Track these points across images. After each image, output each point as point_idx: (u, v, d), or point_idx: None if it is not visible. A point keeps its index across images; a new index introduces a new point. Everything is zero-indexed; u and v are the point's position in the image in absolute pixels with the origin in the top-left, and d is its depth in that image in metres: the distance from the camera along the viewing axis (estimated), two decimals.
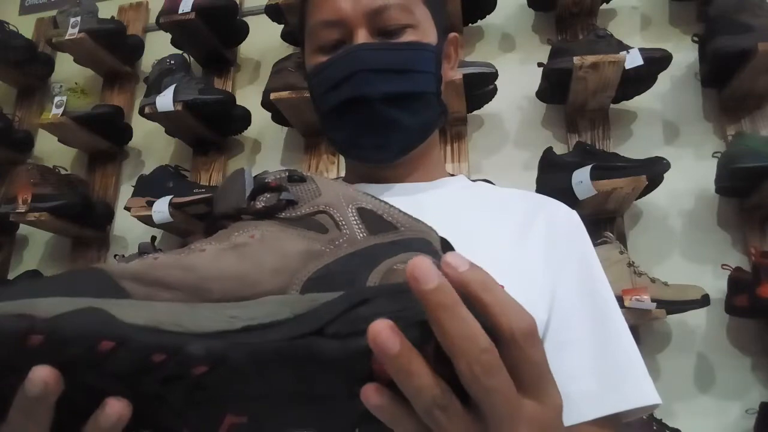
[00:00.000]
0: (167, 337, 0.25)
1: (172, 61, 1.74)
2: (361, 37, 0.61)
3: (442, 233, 0.37)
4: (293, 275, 0.31)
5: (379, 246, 0.34)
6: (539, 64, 1.50)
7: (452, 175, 0.74)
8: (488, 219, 0.63)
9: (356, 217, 0.35)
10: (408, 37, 0.63)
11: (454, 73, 0.72)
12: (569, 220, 0.66)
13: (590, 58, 1.39)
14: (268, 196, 0.36)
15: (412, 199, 0.64)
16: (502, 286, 0.27)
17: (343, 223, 0.34)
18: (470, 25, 1.72)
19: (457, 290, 0.26)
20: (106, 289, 0.27)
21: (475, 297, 0.26)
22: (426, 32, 0.64)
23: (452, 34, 0.70)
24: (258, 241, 0.32)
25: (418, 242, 0.35)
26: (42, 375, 0.24)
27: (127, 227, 1.81)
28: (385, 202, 0.37)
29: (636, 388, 0.56)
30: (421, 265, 0.25)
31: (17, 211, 1.65)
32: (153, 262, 0.29)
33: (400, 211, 0.37)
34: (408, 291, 0.26)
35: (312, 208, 0.35)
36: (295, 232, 0.34)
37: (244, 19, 1.88)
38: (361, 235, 0.34)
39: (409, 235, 0.35)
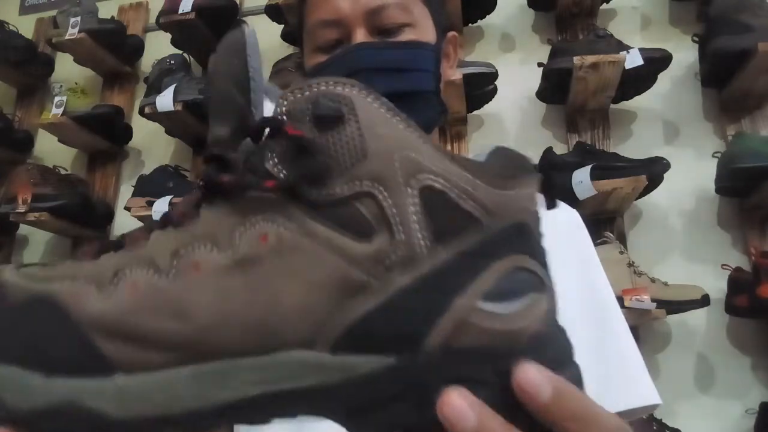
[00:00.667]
0: None
1: (172, 61, 1.74)
2: (360, 36, 0.61)
3: None
4: (322, 324, 0.22)
5: (451, 269, 0.22)
6: (539, 64, 1.50)
7: None
8: None
9: (419, 208, 0.22)
10: (407, 36, 0.62)
11: (453, 72, 0.72)
12: (570, 219, 0.66)
13: (590, 58, 1.39)
14: (283, 149, 0.23)
15: None
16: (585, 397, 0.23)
17: (398, 219, 0.22)
18: (470, 25, 1.72)
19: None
20: (81, 356, 0.21)
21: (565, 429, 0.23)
22: (425, 31, 0.64)
23: (451, 33, 0.70)
24: (273, 252, 0.22)
25: (509, 243, 0.23)
26: None
27: (127, 227, 1.81)
28: (464, 165, 0.24)
29: (636, 388, 0.56)
30: (527, 376, 0.21)
31: (17, 211, 1.65)
32: (131, 298, 0.22)
33: (484, 181, 0.23)
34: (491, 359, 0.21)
35: (351, 186, 0.22)
36: (324, 237, 0.22)
37: (244, 19, 1.88)
38: (422, 243, 0.22)
39: (496, 228, 0.23)
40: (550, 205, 0.26)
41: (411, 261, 0.22)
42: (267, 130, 0.23)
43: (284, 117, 0.23)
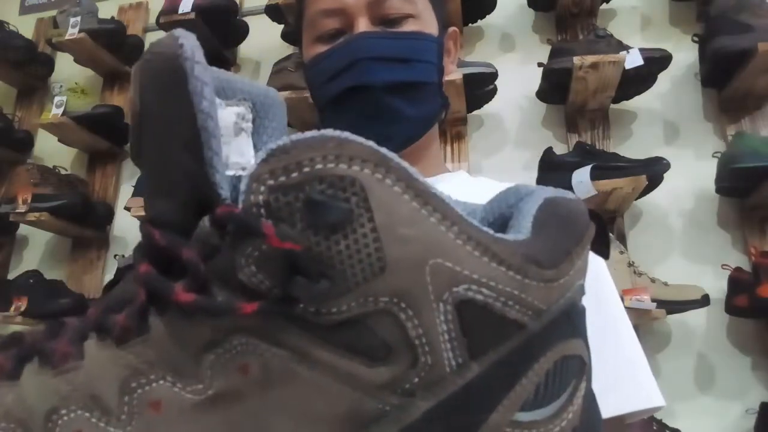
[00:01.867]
0: None
1: None
2: (362, 25, 0.60)
3: None
4: None
5: (483, 384, 0.18)
6: (539, 64, 1.50)
7: (451, 172, 0.73)
8: None
9: (452, 326, 0.17)
10: (409, 26, 0.62)
11: (453, 68, 0.72)
12: None
13: (590, 58, 1.39)
14: (263, 255, 0.16)
15: None
16: None
17: (424, 341, 0.17)
18: (470, 25, 1.72)
19: None
20: None
21: None
22: (427, 23, 0.63)
23: (452, 29, 0.69)
24: (258, 385, 0.17)
25: (555, 334, 0.19)
26: None
27: (127, 227, 1.81)
28: (510, 263, 0.18)
29: (640, 390, 0.55)
30: None
31: (17, 211, 1.65)
32: None
33: (534, 275, 0.18)
34: None
35: (362, 304, 0.16)
36: (326, 363, 0.17)
37: (244, 19, 1.88)
38: (453, 363, 0.17)
39: (543, 324, 0.18)
40: (604, 255, 0.22)
41: (439, 381, 0.17)
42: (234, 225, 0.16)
43: (261, 212, 0.16)
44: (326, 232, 0.16)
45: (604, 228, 0.22)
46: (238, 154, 0.20)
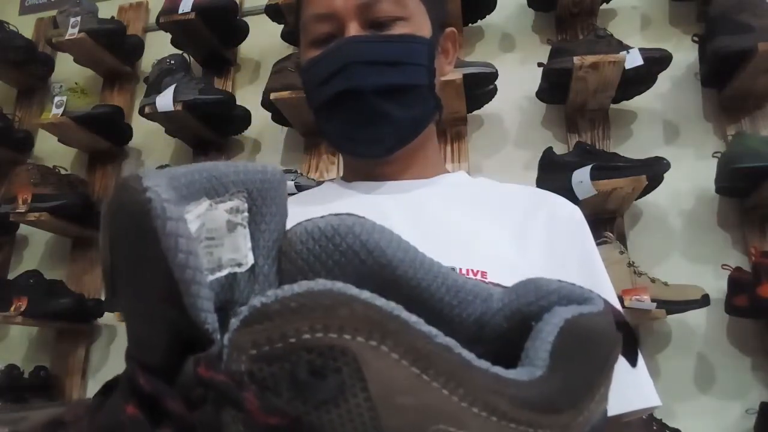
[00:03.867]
0: None
1: (172, 61, 1.74)
2: (353, 29, 0.61)
3: (439, 233, 0.30)
4: None
5: None
6: (539, 64, 1.50)
7: (451, 172, 0.73)
8: (487, 217, 0.63)
9: None
10: (400, 29, 0.62)
11: (451, 68, 0.72)
12: (571, 216, 0.65)
13: (590, 58, 1.39)
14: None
15: (410, 196, 0.64)
16: None
17: None
18: (470, 25, 1.72)
19: None
20: None
21: None
22: (419, 25, 0.64)
23: (450, 29, 0.70)
24: None
25: None
26: None
27: None
28: (520, 417, 0.17)
29: (637, 390, 0.55)
30: None
31: (17, 211, 1.65)
32: None
33: (550, 423, 0.17)
34: None
35: None
36: None
37: (244, 19, 1.88)
38: None
39: None
40: (633, 363, 0.21)
41: None
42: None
43: (243, 382, 0.15)
44: (315, 402, 0.15)
45: (634, 336, 0.20)
46: (232, 251, 0.20)
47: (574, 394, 0.17)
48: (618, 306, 0.60)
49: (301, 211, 0.72)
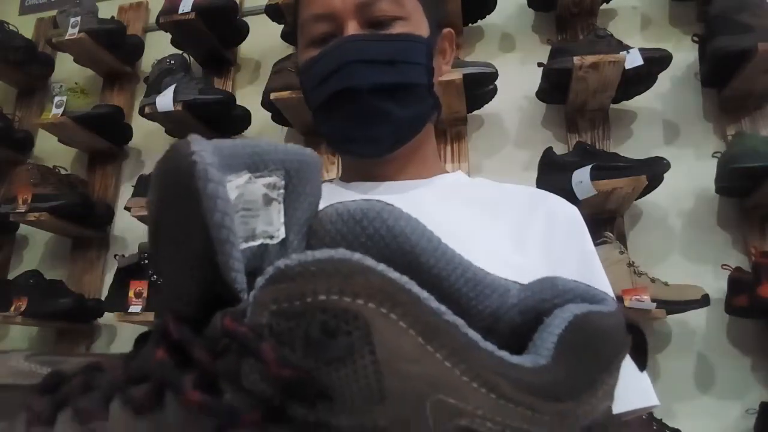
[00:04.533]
0: None
1: (172, 61, 1.74)
2: (351, 29, 0.61)
3: (439, 233, 0.31)
4: None
5: None
6: (539, 64, 1.50)
7: (449, 172, 0.73)
8: (486, 217, 0.63)
9: None
10: (398, 29, 0.62)
11: (448, 69, 0.72)
12: (570, 216, 0.65)
13: (590, 58, 1.39)
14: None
15: (407, 196, 0.64)
16: None
17: None
18: (470, 25, 1.72)
19: None
20: None
21: None
22: (417, 24, 0.64)
23: (447, 30, 0.70)
24: None
25: None
26: None
27: (127, 227, 1.81)
28: (520, 399, 0.18)
29: (635, 390, 0.55)
30: None
31: (17, 211, 1.65)
32: None
33: (550, 410, 0.18)
34: None
35: (359, 423, 0.17)
36: None
37: (244, 19, 1.89)
38: None
39: None
40: (641, 367, 0.21)
41: None
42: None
43: (265, 333, 0.16)
44: (326, 359, 0.16)
45: (644, 340, 0.21)
46: (266, 224, 0.21)
47: (575, 385, 0.18)
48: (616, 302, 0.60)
49: None
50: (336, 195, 0.67)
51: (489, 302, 0.21)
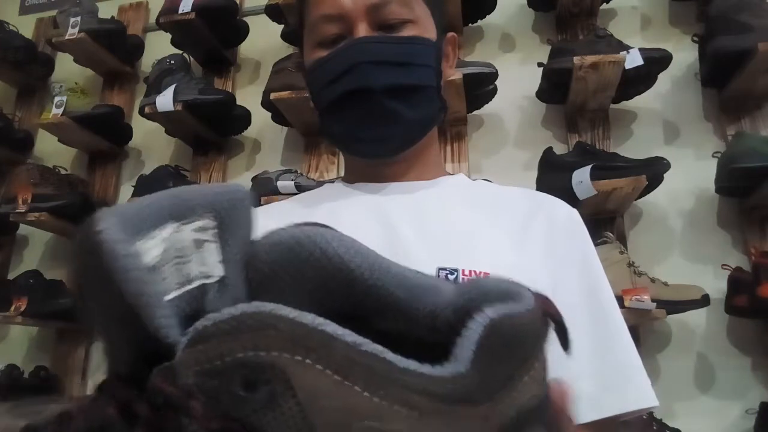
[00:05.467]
0: None
1: (172, 61, 1.74)
2: (362, 30, 0.61)
3: (441, 234, 0.31)
4: None
5: None
6: (539, 64, 1.50)
7: (451, 174, 0.73)
8: (488, 219, 0.63)
9: None
10: (408, 31, 0.63)
11: (452, 72, 0.73)
12: (570, 218, 0.65)
13: (590, 58, 1.39)
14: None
15: (412, 198, 0.64)
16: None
17: None
18: (470, 25, 1.72)
19: None
20: None
21: None
22: (426, 28, 0.65)
23: (450, 34, 0.71)
24: None
25: None
26: None
27: None
28: (437, 409, 0.19)
29: (635, 391, 0.56)
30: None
31: (17, 211, 1.65)
32: None
33: (468, 416, 0.19)
34: None
35: None
36: None
37: (244, 19, 1.89)
38: None
39: None
40: (566, 348, 0.23)
41: None
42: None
43: (192, 392, 0.17)
44: (253, 408, 0.17)
45: (564, 326, 0.22)
46: (201, 265, 0.22)
47: (490, 388, 0.19)
48: (616, 303, 0.61)
49: (307, 212, 0.72)
50: (343, 195, 0.68)
51: (424, 302, 0.22)
